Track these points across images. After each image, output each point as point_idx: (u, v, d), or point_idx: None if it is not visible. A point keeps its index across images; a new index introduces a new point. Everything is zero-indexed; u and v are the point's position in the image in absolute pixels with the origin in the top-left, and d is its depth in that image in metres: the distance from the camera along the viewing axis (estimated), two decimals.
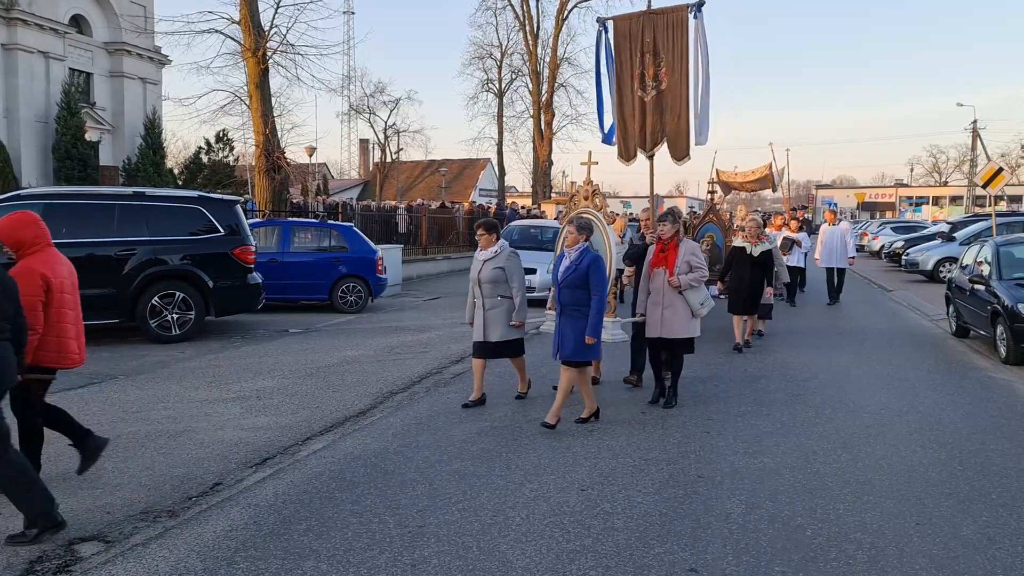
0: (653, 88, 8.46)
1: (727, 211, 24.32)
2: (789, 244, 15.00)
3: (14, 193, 11.59)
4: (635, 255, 7.84)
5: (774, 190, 22.71)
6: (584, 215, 7.59)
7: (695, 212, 15.72)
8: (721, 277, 10.72)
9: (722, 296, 12.05)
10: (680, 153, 8.51)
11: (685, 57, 8.31)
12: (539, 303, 14.64)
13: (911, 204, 65.75)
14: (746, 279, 10.31)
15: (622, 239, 15.53)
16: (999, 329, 9.79)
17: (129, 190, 12.51)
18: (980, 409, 7.36)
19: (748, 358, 9.85)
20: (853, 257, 16.18)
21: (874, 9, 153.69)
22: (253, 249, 11.69)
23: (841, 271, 15.77)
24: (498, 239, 7.24)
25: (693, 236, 11.96)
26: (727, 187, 23.10)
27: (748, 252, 10.33)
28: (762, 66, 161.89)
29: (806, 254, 16.37)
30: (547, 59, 42.63)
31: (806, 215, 20.73)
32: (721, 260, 12.40)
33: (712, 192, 12.62)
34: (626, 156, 8.90)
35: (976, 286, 10.77)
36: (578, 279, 6.36)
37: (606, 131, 9.36)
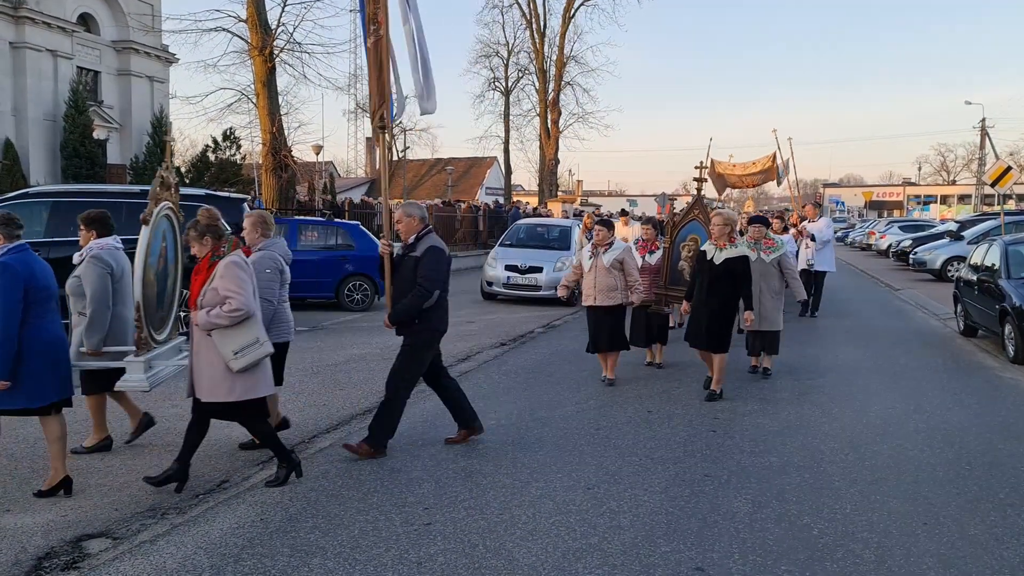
0: (373, 33, 6.53)
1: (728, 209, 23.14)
2: None
3: (22, 191, 11.65)
4: None
5: (779, 183, 21.41)
6: (165, 210, 5.60)
7: (675, 211, 12.07)
8: (688, 295, 7.86)
9: (679, 325, 9.65)
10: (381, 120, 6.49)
11: None
12: (546, 302, 14.72)
13: (919, 203, 65.53)
14: (703, 298, 7.48)
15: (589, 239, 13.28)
16: (1007, 328, 9.75)
17: (136, 188, 12.54)
18: (988, 408, 7.33)
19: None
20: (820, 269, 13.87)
21: (881, 6, 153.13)
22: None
23: (820, 275, 13.99)
24: (99, 237, 5.46)
25: (672, 238, 9.18)
26: (724, 181, 21.76)
27: (709, 259, 7.48)
28: (766, 63, 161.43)
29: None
30: (554, 57, 42.51)
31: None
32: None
33: (700, 180, 10.07)
34: (378, 124, 6.61)
35: (984, 285, 10.73)
36: None
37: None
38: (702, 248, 7.78)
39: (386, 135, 6.51)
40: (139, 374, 5.23)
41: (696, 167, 9.88)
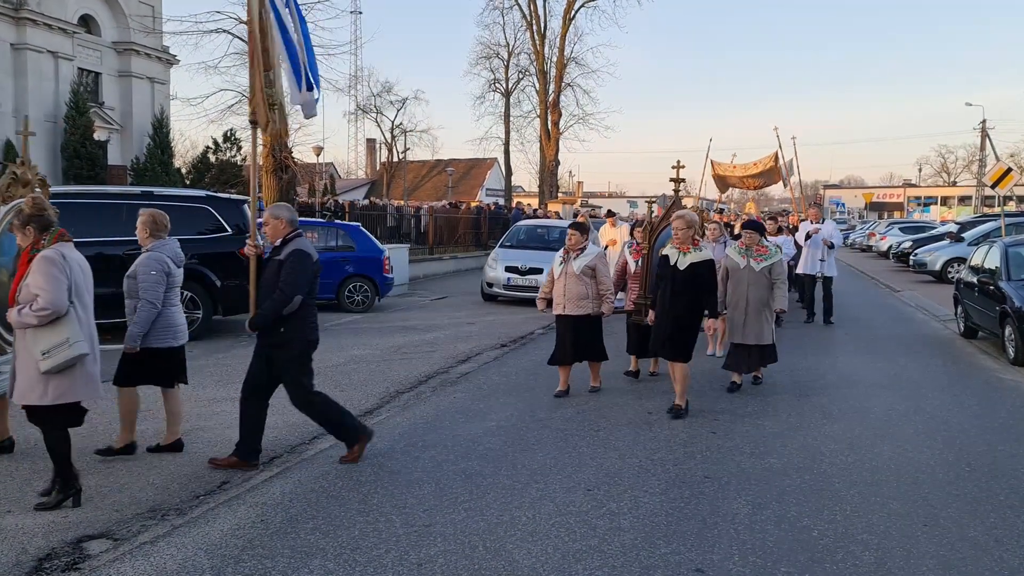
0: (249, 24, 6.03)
1: (731, 211, 22.59)
2: None
3: None
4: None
5: (785, 185, 20.55)
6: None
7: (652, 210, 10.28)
8: (653, 303, 7.47)
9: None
10: (261, 120, 6.07)
11: None
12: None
13: (919, 204, 65.59)
14: (667, 305, 6.98)
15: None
16: (1007, 330, 9.75)
17: (137, 189, 12.59)
18: (988, 410, 7.33)
19: None
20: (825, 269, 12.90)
21: (881, 7, 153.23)
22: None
23: (828, 281, 13.00)
24: None
25: (652, 243, 8.56)
26: (724, 182, 21.18)
27: (673, 264, 6.99)
28: (766, 64, 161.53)
29: (792, 264, 13.39)
30: (554, 59, 42.54)
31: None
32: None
33: (677, 180, 8.80)
34: (250, 119, 6.25)
35: (984, 287, 10.73)
36: None
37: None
38: (665, 253, 7.17)
39: (258, 130, 6.17)
40: None
41: (673, 167, 9.08)
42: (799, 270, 13.30)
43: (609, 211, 19.51)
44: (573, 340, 7.59)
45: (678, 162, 9.13)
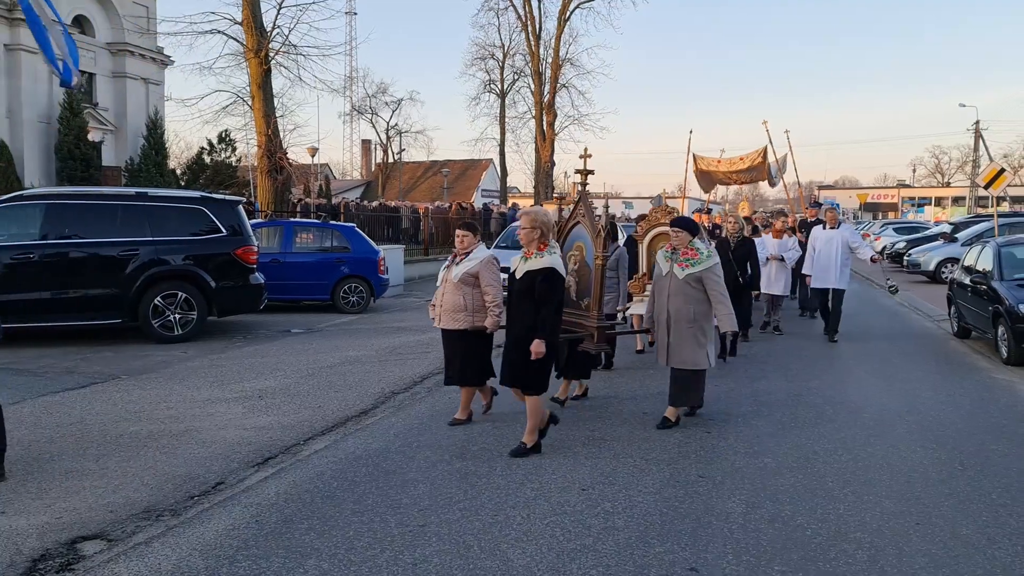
0: None
1: (725, 211, 22.16)
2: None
3: (17, 194, 11.64)
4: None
5: (772, 184, 19.97)
6: None
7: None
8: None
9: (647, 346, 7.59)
10: None
11: None
12: None
13: (913, 205, 65.83)
14: (508, 322, 6.04)
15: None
16: (1000, 330, 9.79)
17: (132, 190, 12.58)
18: (981, 410, 7.36)
19: (749, 359, 9.83)
20: (877, 255, 11.85)
21: (876, 8, 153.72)
22: (255, 249, 11.73)
23: (838, 293, 11.46)
24: None
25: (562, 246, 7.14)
26: (708, 178, 20.56)
27: (512, 272, 6.10)
28: (760, 64, 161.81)
29: (793, 271, 12.72)
30: (549, 60, 42.58)
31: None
32: (590, 287, 6.91)
33: (584, 172, 7.26)
34: None
35: (977, 287, 10.77)
36: None
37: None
38: (513, 258, 6.11)
39: None
40: None
41: (580, 156, 7.51)
42: (814, 285, 11.72)
43: None
44: (451, 357, 6.61)
45: (585, 150, 7.62)
